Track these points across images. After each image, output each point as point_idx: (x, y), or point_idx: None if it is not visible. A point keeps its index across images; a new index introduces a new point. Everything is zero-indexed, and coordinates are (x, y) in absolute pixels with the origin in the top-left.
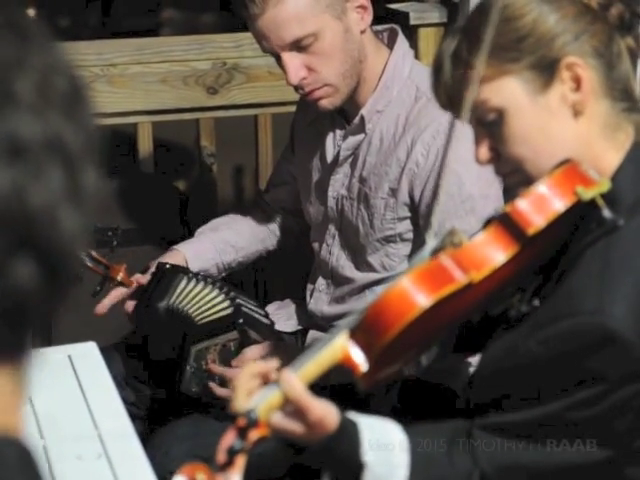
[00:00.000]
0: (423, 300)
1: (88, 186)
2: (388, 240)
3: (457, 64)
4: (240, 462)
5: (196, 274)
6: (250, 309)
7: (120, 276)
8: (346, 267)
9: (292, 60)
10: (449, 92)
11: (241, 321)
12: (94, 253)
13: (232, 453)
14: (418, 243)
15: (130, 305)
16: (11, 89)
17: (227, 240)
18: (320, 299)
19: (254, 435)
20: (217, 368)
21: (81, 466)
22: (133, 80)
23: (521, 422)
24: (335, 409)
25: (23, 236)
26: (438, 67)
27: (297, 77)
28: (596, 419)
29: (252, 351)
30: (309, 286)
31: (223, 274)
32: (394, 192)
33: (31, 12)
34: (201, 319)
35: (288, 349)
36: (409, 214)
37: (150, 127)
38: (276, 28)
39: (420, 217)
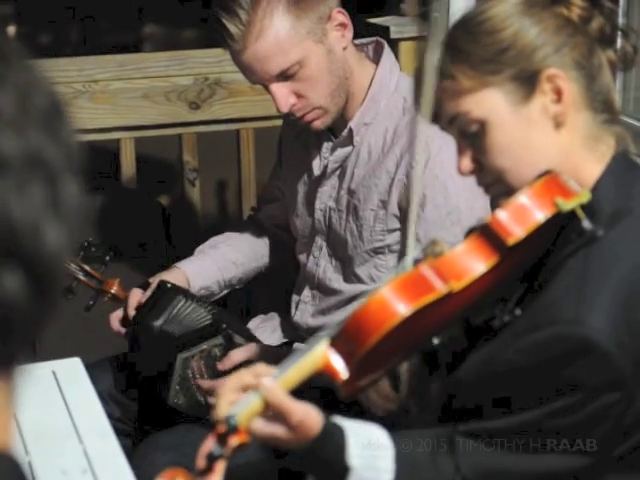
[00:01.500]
0: (403, 309)
1: (70, 200)
2: (377, 252)
3: (438, 77)
4: (219, 468)
5: (194, 296)
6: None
7: (114, 289)
8: (333, 279)
9: (280, 90)
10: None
11: (224, 326)
12: (87, 267)
13: (212, 459)
14: (404, 254)
15: (115, 320)
16: None
17: (227, 257)
18: (305, 311)
19: (234, 441)
20: (206, 382)
21: None
22: (115, 96)
23: (501, 428)
24: (317, 412)
25: (8, 249)
26: (419, 80)
27: (287, 105)
28: (575, 426)
29: (238, 353)
30: (294, 298)
31: (225, 291)
32: (384, 204)
33: (11, 29)
34: (186, 330)
35: (273, 352)
36: (398, 225)
37: (132, 143)
38: (260, 62)
39: (407, 226)
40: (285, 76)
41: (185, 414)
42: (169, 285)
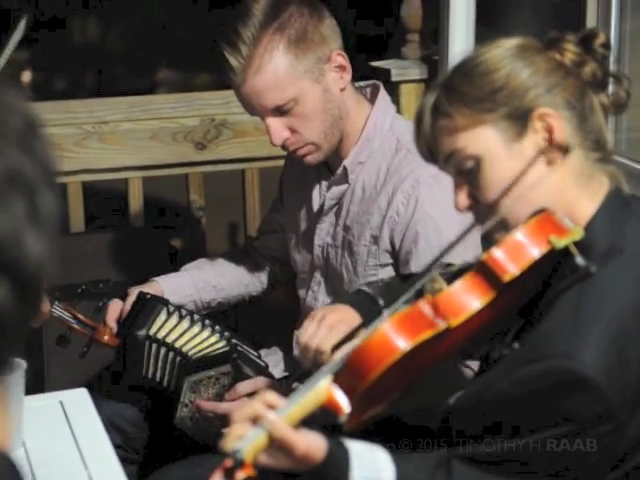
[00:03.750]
0: (403, 344)
1: (47, 211)
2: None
3: (436, 116)
4: None
5: (177, 307)
6: (245, 349)
7: (106, 338)
8: None
9: (275, 123)
10: (429, 143)
11: (235, 355)
12: (80, 315)
13: None
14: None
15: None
16: None
17: (208, 280)
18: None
19: (240, 475)
20: (206, 404)
21: None
22: (124, 137)
23: (494, 454)
24: (321, 440)
25: None
26: (419, 120)
27: (280, 139)
28: (566, 455)
29: (244, 386)
30: (296, 333)
31: (203, 312)
32: (376, 239)
33: (27, 75)
34: (194, 353)
35: (280, 387)
36: (391, 261)
37: (140, 182)
38: (257, 96)
39: (400, 263)
40: (281, 111)
41: (191, 436)
42: (148, 296)
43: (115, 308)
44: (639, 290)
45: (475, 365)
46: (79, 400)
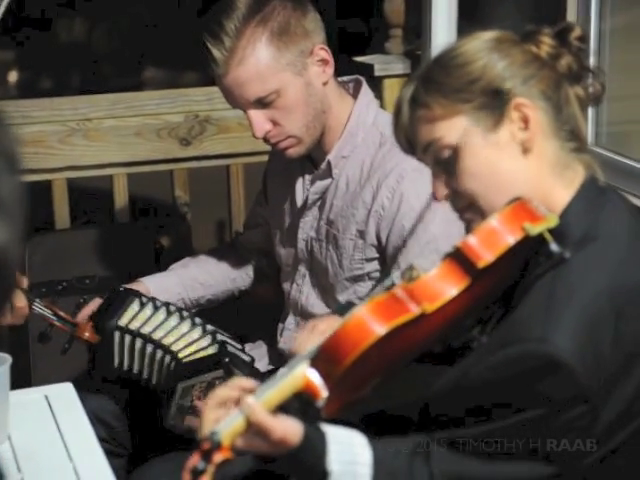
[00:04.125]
0: (378, 328)
1: (10, 197)
2: (356, 279)
3: (414, 107)
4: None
5: (151, 298)
6: (233, 346)
7: (86, 335)
8: (316, 305)
9: (257, 115)
10: (408, 134)
11: (227, 360)
12: (61, 312)
13: (196, 474)
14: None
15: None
16: None
17: (195, 277)
18: (290, 337)
19: (218, 457)
20: (200, 405)
21: None
22: (108, 133)
23: (471, 437)
24: (298, 425)
25: None
26: (397, 111)
27: (262, 131)
28: (542, 436)
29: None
30: (280, 325)
31: (193, 310)
32: (362, 234)
33: (13, 75)
34: (184, 356)
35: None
36: (377, 255)
37: (125, 178)
38: (239, 87)
39: (387, 258)
40: (262, 103)
41: (179, 436)
42: (121, 289)
43: (92, 306)
44: (612, 277)
45: None
46: (64, 394)
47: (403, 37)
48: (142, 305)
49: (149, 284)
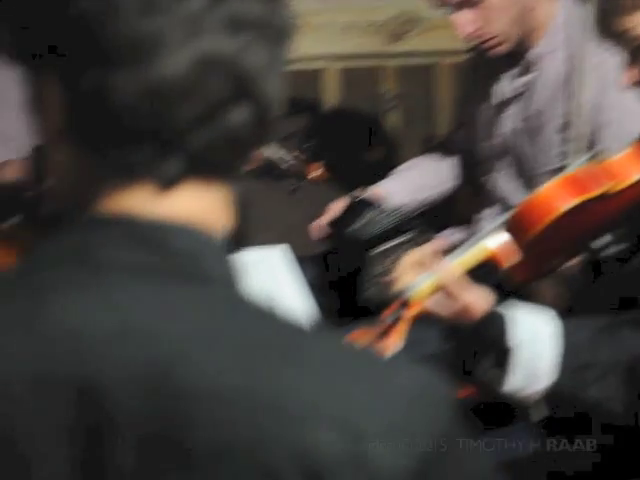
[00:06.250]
0: (566, 201)
1: (283, 61)
2: (556, 172)
3: None
4: (399, 329)
5: (384, 211)
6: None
7: (313, 174)
8: (515, 197)
9: (463, 16)
10: (611, 22)
11: (413, 224)
12: (293, 153)
13: (392, 322)
14: None
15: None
16: None
17: (420, 179)
18: (484, 227)
19: (409, 312)
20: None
21: None
22: (319, 29)
23: None
24: (488, 297)
25: (241, 89)
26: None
27: (467, 31)
28: None
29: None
30: (474, 217)
31: (420, 210)
32: (563, 127)
33: None
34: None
35: None
36: (578, 149)
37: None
38: None
39: (584, 146)
40: (470, 3)
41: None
42: (357, 199)
43: (335, 208)
44: None
45: None
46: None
47: None
48: (375, 215)
49: (385, 188)
